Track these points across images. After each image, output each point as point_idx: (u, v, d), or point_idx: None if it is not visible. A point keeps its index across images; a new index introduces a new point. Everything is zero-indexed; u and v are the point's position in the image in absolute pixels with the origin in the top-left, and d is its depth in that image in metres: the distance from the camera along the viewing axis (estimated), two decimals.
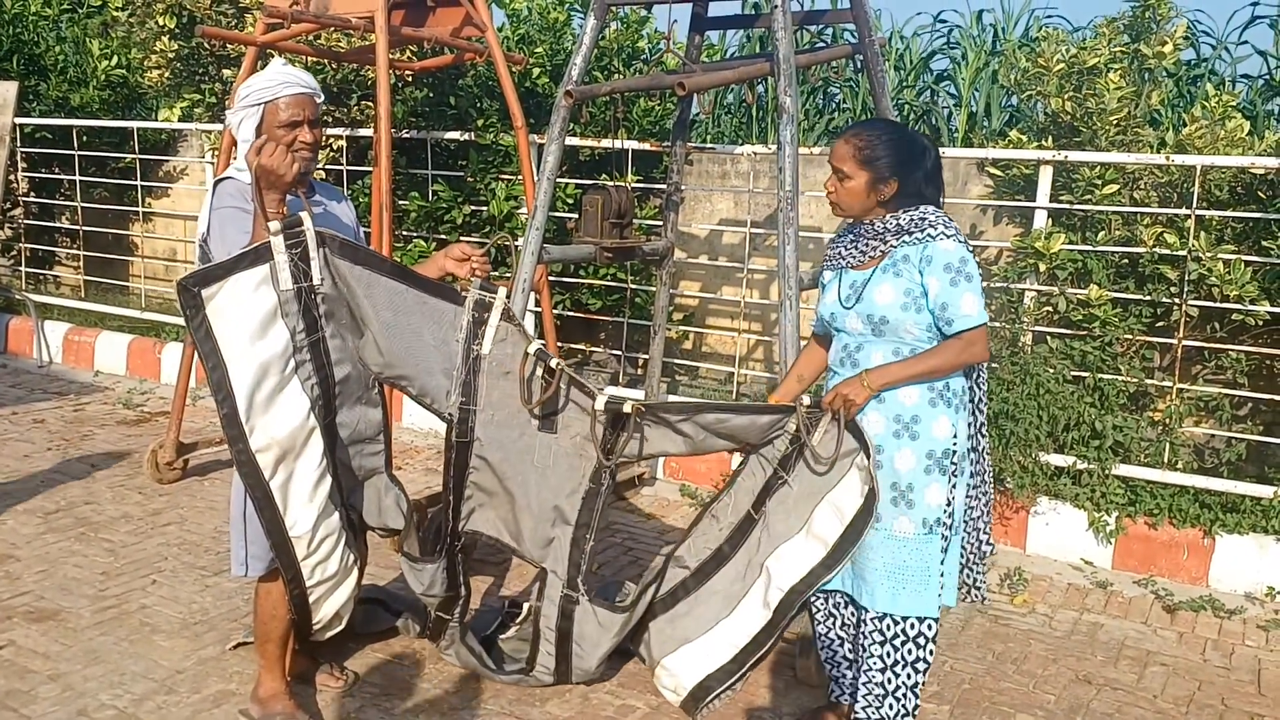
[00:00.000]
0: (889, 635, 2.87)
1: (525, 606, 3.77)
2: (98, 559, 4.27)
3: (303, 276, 2.84)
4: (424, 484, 5.30)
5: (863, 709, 2.94)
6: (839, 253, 3.01)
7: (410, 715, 3.23)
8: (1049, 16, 8.07)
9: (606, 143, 5.89)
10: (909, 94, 8.26)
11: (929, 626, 2.87)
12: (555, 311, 5.95)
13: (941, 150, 5.47)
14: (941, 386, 2.84)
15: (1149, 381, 4.83)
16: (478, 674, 3.44)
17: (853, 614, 3.06)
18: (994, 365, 4.75)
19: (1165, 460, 4.73)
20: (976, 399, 2.95)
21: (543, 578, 3.28)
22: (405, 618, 3.63)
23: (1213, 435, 4.93)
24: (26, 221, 8.65)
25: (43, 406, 6.56)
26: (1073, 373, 4.74)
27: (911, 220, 2.84)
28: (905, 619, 2.85)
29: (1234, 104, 4.88)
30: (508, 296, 3.18)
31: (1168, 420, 4.72)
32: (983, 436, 2.98)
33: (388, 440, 3.26)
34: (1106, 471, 4.68)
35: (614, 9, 4.39)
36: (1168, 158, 4.63)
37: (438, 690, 3.39)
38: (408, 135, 6.42)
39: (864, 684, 2.93)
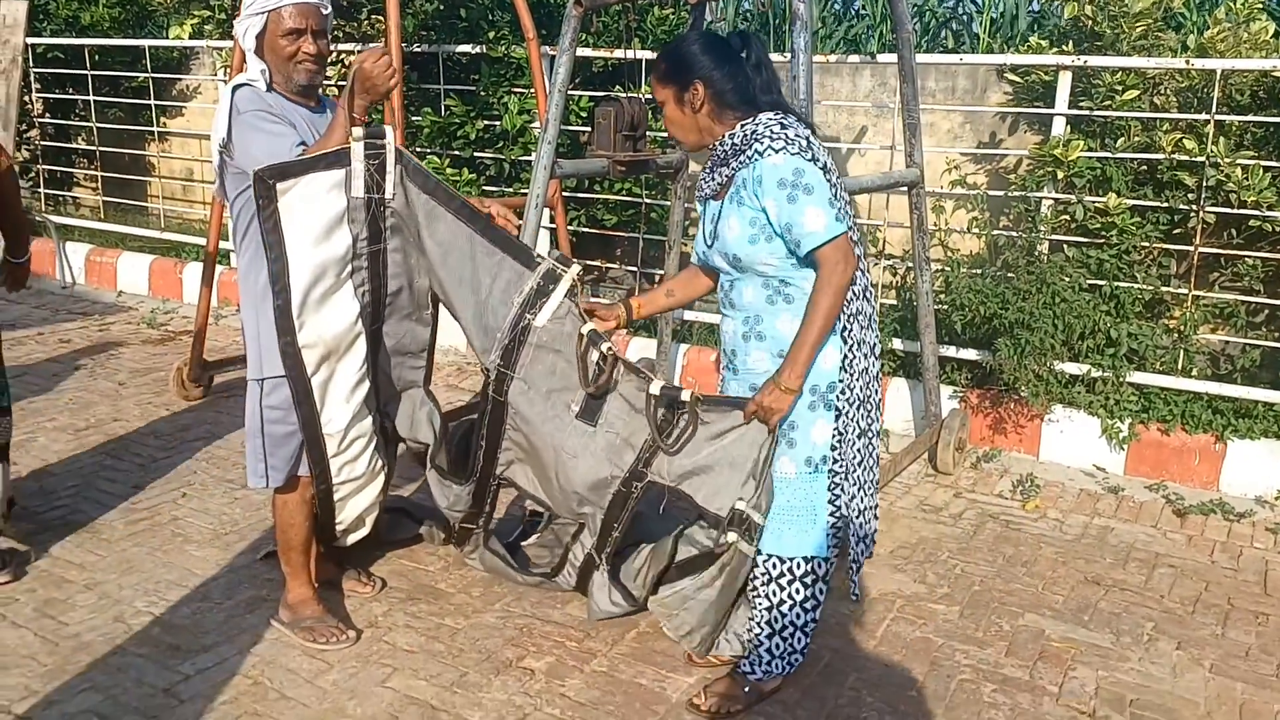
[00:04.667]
0: (774, 575, 2.80)
1: (546, 515, 3.85)
2: (129, 473, 4.39)
3: (376, 188, 2.90)
4: (444, 400, 5.38)
5: (750, 647, 2.90)
6: (701, 182, 2.79)
7: (435, 618, 3.34)
8: None
9: (620, 53, 5.82)
10: (932, 2, 8.11)
11: (818, 565, 2.78)
12: (570, 227, 5.95)
13: (961, 56, 5.42)
14: None
15: (1165, 289, 4.82)
16: (501, 578, 3.54)
17: None
18: (1009, 275, 4.74)
19: (1180, 367, 4.74)
20: (868, 315, 2.72)
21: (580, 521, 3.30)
22: (429, 525, 3.73)
23: (1227, 342, 4.93)
24: (43, 143, 8.66)
25: (68, 327, 6.66)
26: (1089, 281, 4.73)
27: (743, 137, 2.61)
28: (791, 558, 2.77)
29: (1259, 5, 4.76)
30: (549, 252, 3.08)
31: (1183, 327, 4.72)
32: (875, 357, 2.77)
33: (430, 359, 3.32)
34: (1121, 379, 4.70)
35: None
36: (1188, 62, 4.55)
37: (462, 594, 3.50)
38: (419, 49, 6.36)
39: (751, 621, 2.89)
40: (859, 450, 2.75)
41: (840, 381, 2.66)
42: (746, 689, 2.89)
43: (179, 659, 3.04)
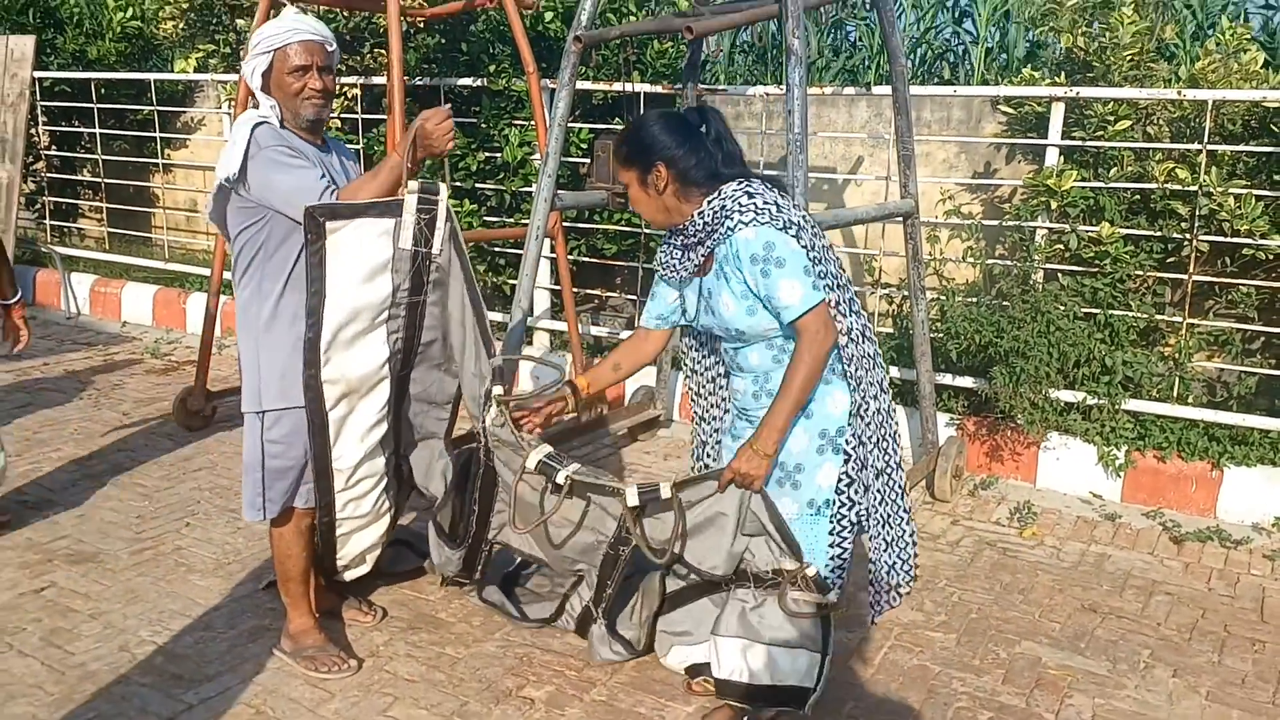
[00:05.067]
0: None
1: None
2: (132, 503, 4.42)
3: (424, 242, 2.95)
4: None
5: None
6: (671, 262, 2.78)
7: (436, 647, 3.37)
8: None
9: (619, 86, 5.90)
10: (928, 32, 8.19)
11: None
12: (571, 257, 6.01)
13: (955, 89, 5.49)
14: (831, 360, 2.65)
15: (1159, 317, 4.87)
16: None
17: None
18: (1004, 303, 4.79)
19: (1175, 394, 4.78)
20: (870, 355, 2.74)
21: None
22: (431, 559, 3.76)
23: (1223, 369, 4.98)
24: (49, 175, 8.75)
25: (73, 357, 6.71)
26: (1084, 309, 4.78)
27: (714, 213, 2.60)
28: None
29: (1248, 36, 4.83)
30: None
31: (1178, 355, 4.76)
32: (885, 392, 2.78)
33: (454, 411, 3.36)
34: (1116, 406, 4.74)
35: None
36: (1179, 92, 4.61)
37: (463, 624, 3.52)
38: (421, 83, 6.45)
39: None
40: (879, 490, 2.76)
41: (849, 426, 2.68)
42: (745, 718, 2.91)
43: (183, 688, 3.07)
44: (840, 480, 2.70)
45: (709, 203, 2.63)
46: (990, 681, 3.27)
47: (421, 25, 6.54)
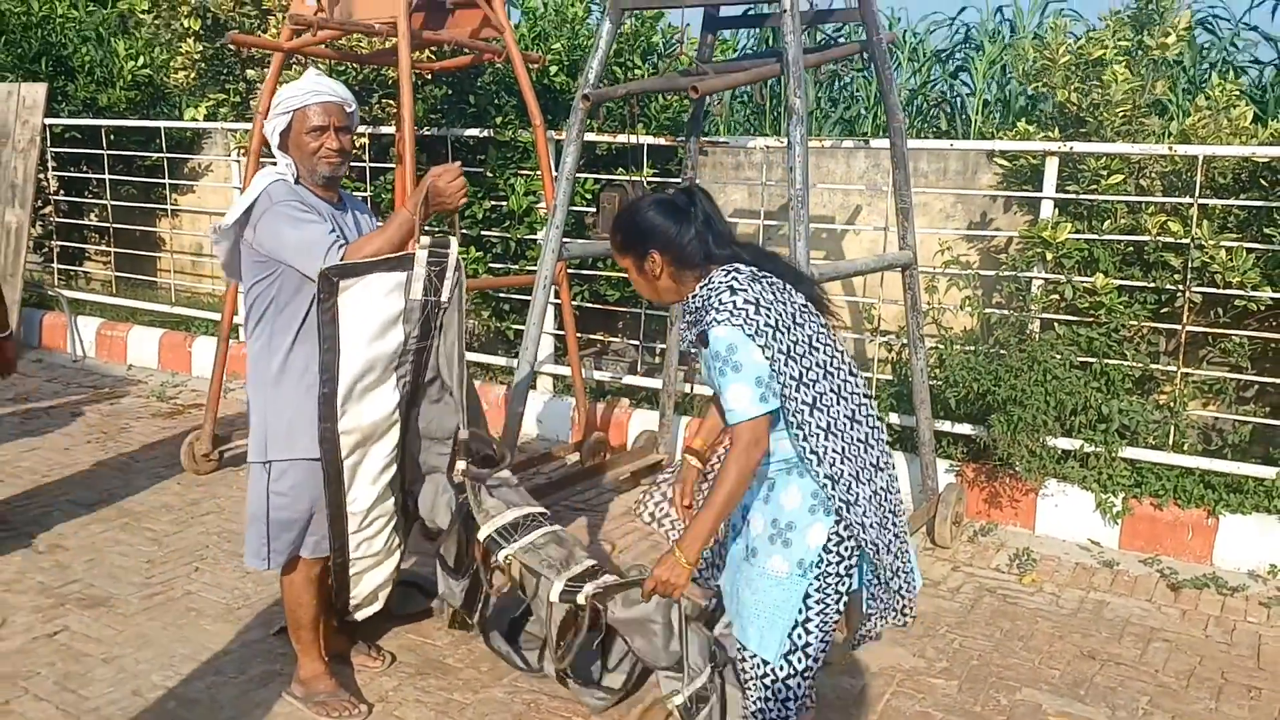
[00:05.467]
0: (759, 674, 2.71)
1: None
2: (142, 548, 4.47)
3: (433, 291, 3.04)
4: None
5: None
6: (684, 333, 2.80)
7: (444, 693, 3.41)
8: (1064, 10, 8.11)
9: (623, 138, 6.02)
10: (925, 85, 8.38)
11: (777, 669, 2.69)
12: (575, 303, 6.10)
13: (951, 143, 5.62)
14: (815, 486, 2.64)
15: (1154, 366, 4.95)
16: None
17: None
18: (1002, 352, 4.88)
19: (1171, 443, 4.86)
20: (863, 439, 2.70)
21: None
22: (440, 600, 3.81)
23: (1217, 418, 5.06)
24: (57, 219, 8.86)
25: (79, 400, 6.78)
26: (1079, 358, 4.86)
27: (701, 302, 2.63)
28: (754, 655, 2.70)
29: (1237, 92, 4.96)
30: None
31: (1173, 404, 4.84)
32: (882, 470, 2.73)
33: (454, 447, 3.40)
34: (1113, 454, 4.81)
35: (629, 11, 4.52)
36: (1170, 148, 4.74)
37: (470, 669, 3.57)
38: (428, 133, 6.57)
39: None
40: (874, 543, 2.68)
41: (823, 556, 2.64)
42: None
43: None
44: (829, 540, 2.64)
45: (701, 287, 2.66)
46: None
47: (430, 77, 6.67)
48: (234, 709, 3.25)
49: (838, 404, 2.67)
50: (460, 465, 3.21)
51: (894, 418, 5.32)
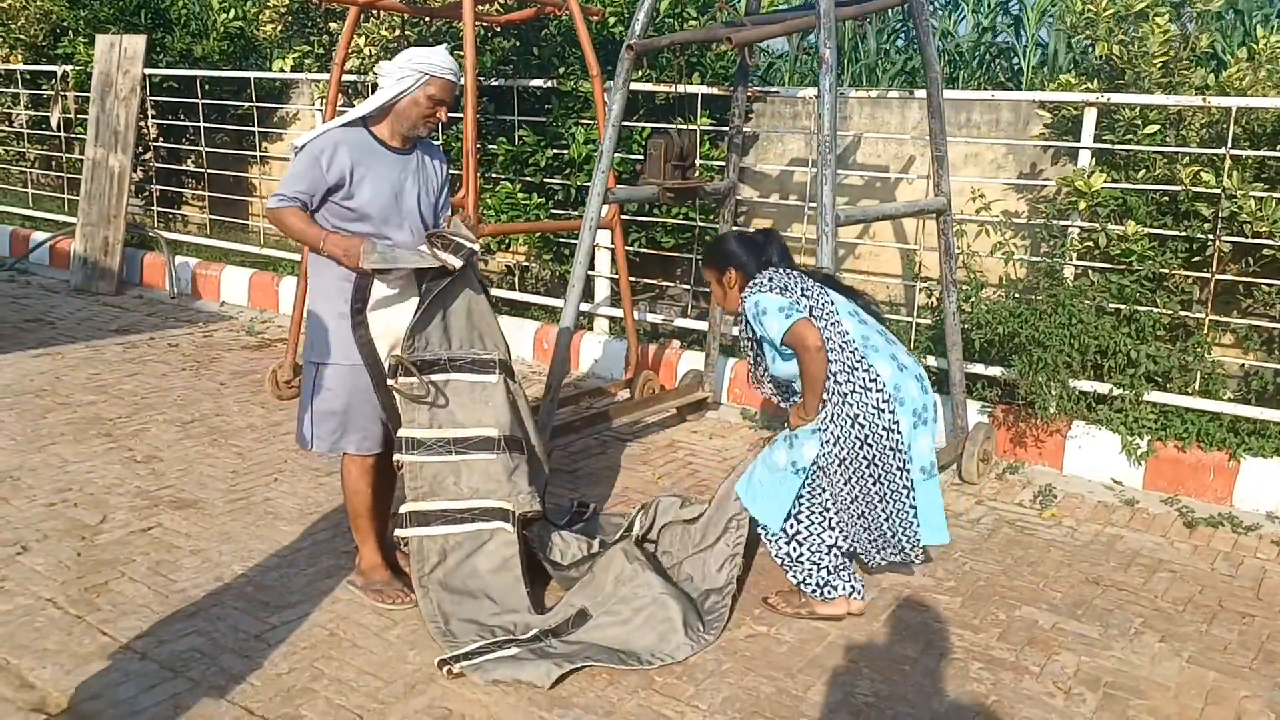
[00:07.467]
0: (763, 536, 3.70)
1: (591, 506, 4.33)
2: (228, 460, 4.95)
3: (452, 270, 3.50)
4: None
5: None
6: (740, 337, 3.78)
7: None
8: None
9: (676, 88, 6.27)
10: (986, 33, 8.42)
11: (784, 529, 3.60)
12: (631, 248, 6.40)
13: (993, 93, 5.75)
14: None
15: (1183, 313, 5.08)
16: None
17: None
18: (1031, 295, 5.06)
19: (1196, 388, 5.00)
20: (886, 344, 3.59)
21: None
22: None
23: (1244, 365, 5.17)
24: (157, 165, 9.44)
25: (176, 333, 7.33)
26: (1111, 305, 5.02)
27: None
28: (765, 527, 3.63)
29: None
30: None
31: (1200, 350, 4.97)
32: (884, 411, 3.49)
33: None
34: (1140, 397, 4.97)
35: None
36: (1205, 100, 4.83)
37: None
38: (495, 84, 6.90)
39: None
40: (846, 497, 3.58)
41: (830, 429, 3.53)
42: (801, 603, 3.68)
43: (268, 612, 3.54)
44: (820, 458, 3.54)
45: None
46: (986, 638, 3.58)
47: (498, 30, 6.98)
48: (302, 594, 3.68)
49: (850, 375, 3.49)
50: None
51: (930, 360, 5.53)
